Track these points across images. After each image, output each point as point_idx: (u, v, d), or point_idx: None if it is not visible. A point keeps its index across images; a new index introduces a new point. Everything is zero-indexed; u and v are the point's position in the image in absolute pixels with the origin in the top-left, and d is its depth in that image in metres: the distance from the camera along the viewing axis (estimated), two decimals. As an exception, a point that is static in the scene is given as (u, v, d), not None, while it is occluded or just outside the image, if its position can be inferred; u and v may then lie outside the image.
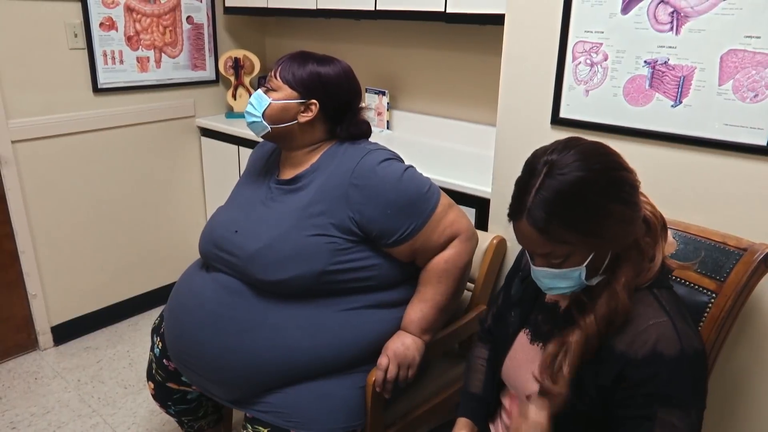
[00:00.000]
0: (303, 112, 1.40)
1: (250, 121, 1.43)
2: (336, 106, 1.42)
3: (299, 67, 1.40)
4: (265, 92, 1.41)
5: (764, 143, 1.20)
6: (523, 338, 1.12)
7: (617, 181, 0.94)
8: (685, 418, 0.90)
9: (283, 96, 1.39)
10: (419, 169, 1.44)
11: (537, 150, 0.98)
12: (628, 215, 0.94)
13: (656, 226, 1.01)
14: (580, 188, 0.91)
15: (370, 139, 1.50)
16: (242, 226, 1.40)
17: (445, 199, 1.42)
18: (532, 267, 1.00)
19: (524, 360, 1.09)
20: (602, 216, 0.92)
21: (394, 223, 1.35)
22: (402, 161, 1.44)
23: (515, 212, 0.96)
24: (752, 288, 1.14)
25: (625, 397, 0.94)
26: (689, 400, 0.92)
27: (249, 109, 1.42)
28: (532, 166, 0.96)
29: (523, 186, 0.95)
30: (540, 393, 0.99)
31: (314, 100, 1.39)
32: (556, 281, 0.98)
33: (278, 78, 1.40)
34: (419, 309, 1.40)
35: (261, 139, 1.60)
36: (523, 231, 0.95)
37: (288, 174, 1.45)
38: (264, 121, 1.40)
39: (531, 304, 1.14)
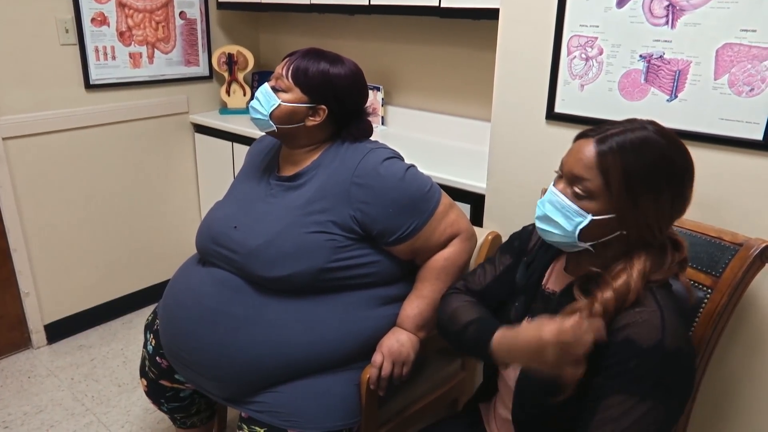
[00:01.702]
0: (311, 116, 1.39)
1: (256, 117, 1.41)
2: (345, 111, 1.41)
3: (311, 69, 1.36)
4: (274, 90, 1.39)
5: (760, 138, 1.20)
6: None
7: (685, 180, 0.95)
8: (633, 408, 0.89)
9: (293, 99, 1.37)
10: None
11: None
12: (667, 209, 0.95)
13: (683, 252, 1.00)
14: (660, 155, 0.93)
15: (370, 138, 1.48)
16: (242, 222, 1.39)
17: (446, 198, 1.42)
18: (549, 189, 0.99)
19: None
20: (653, 187, 0.92)
21: (396, 222, 1.34)
22: (403, 160, 1.43)
23: (590, 133, 0.96)
24: (748, 283, 1.14)
25: (588, 371, 0.93)
26: (650, 392, 0.89)
27: (255, 104, 1.40)
28: (634, 119, 0.97)
29: (615, 124, 0.96)
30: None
31: (324, 106, 1.38)
32: (557, 214, 0.97)
33: (289, 79, 1.37)
34: (416, 305, 1.39)
35: (257, 135, 1.60)
36: (582, 148, 0.95)
37: (288, 171, 1.44)
38: (270, 121, 1.39)
39: (533, 292, 1.13)
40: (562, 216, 0.96)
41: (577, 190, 0.95)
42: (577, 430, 0.95)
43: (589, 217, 0.94)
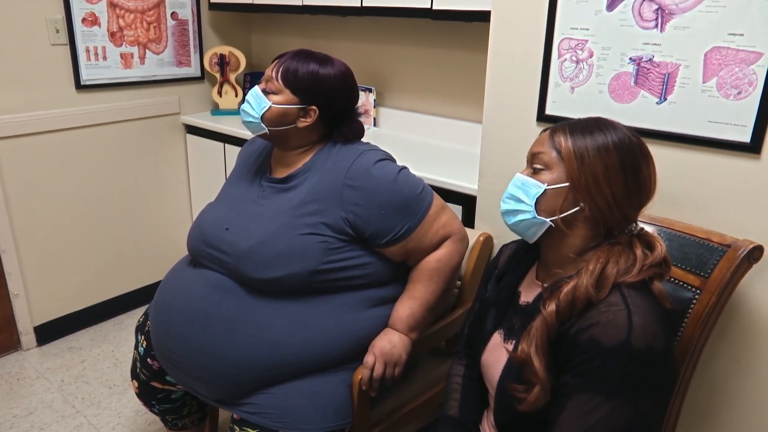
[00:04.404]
0: (302, 117, 1.39)
1: (247, 121, 1.41)
2: (335, 112, 1.41)
3: (301, 70, 1.37)
4: (264, 93, 1.39)
5: (748, 140, 1.21)
6: (497, 338, 1.13)
7: (637, 154, 0.99)
8: (598, 407, 0.90)
9: (283, 100, 1.37)
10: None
11: None
12: (621, 182, 0.97)
13: (658, 253, 1.00)
14: (609, 128, 1.00)
15: (362, 139, 1.49)
16: (233, 224, 1.39)
17: (438, 200, 1.42)
18: (515, 177, 1.07)
19: (498, 358, 1.10)
20: (602, 152, 0.97)
21: (388, 224, 1.35)
22: (395, 162, 1.44)
23: (549, 128, 1.05)
24: (736, 284, 1.15)
25: (557, 371, 0.95)
26: (615, 391, 0.90)
27: (246, 108, 1.40)
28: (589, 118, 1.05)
29: (584, 119, 1.05)
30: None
31: (314, 107, 1.38)
32: (518, 190, 1.03)
33: (279, 80, 1.37)
34: (408, 306, 1.40)
35: (249, 137, 1.59)
36: (541, 135, 1.06)
37: (280, 172, 1.44)
38: (262, 123, 1.39)
39: (505, 305, 1.14)
40: (521, 191, 1.03)
41: (535, 165, 1.03)
42: (548, 426, 0.96)
43: (544, 186, 1.00)
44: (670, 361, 0.99)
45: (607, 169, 0.97)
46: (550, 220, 1.00)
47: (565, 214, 0.99)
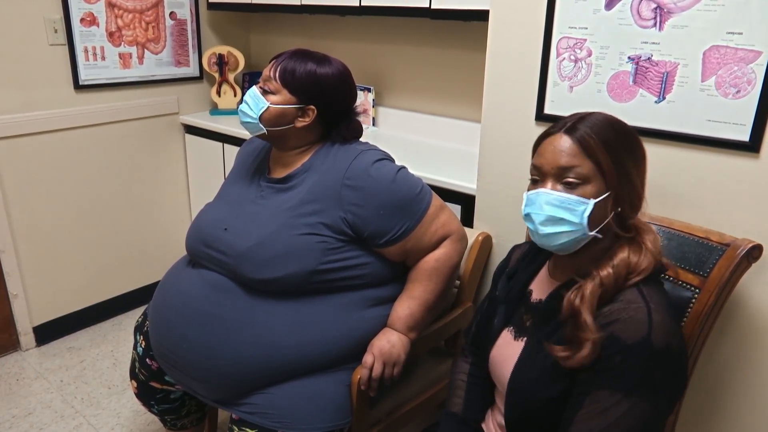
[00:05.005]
0: (301, 117, 1.38)
1: (245, 121, 1.41)
2: (333, 111, 1.41)
3: (299, 69, 1.36)
4: (262, 93, 1.39)
5: (746, 139, 1.21)
6: (507, 336, 1.13)
7: (638, 141, 1.02)
8: (618, 404, 0.89)
9: (281, 100, 1.37)
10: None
11: None
12: (642, 170, 1.01)
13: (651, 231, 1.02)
14: (620, 124, 1.00)
15: (360, 139, 1.49)
16: (232, 224, 1.39)
17: (436, 200, 1.42)
18: (538, 192, 0.98)
19: (509, 355, 1.09)
20: (630, 151, 0.98)
21: (387, 224, 1.34)
22: (394, 161, 1.44)
23: (551, 130, 1.00)
24: (735, 283, 1.15)
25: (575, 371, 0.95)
26: (635, 388, 0.90)
27: (244, 108, 1.40)
28: (574, 114, 1.02)
29: (565, 118, 1.01)
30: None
31: (312, 106, 1.38)
32: (560, 210, 0.96)
33: (277, 80, 1.37)
34: (407, 306, 1.39)
35: (248, 136, 1.59)
36: (556, 143, 0.98)
37: (279, 173, 1.44)
38: (260, 124, 1.39)
39: (516, 303, 1.14)
40: (565, 211, 0.96)
41: (569, 179, 0.96)
42: (562, 424, 0.96)
43: (592, 202, 0.95)
44: (684, 360, 0.99)
45: (637, 163, 1.00)
46: (596, 232, 0.98)
47: (607, 220, 0.98)
